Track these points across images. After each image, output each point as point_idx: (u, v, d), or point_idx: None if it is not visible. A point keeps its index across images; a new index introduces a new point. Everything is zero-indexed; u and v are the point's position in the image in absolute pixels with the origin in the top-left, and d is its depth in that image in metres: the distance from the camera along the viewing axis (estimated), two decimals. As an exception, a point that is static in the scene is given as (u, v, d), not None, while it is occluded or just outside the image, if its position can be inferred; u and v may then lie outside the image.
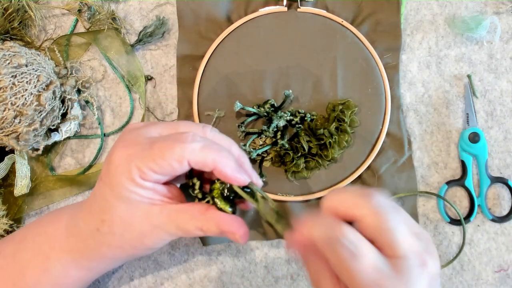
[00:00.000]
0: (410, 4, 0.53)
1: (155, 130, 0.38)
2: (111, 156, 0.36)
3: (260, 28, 0.50)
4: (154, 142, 0.36)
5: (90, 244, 0.38)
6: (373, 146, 0.49)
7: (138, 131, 0.38)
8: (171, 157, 0.34)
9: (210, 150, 0.35)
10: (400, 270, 0.30)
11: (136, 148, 0.36)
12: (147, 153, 0.35)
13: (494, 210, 0.50)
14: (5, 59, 0.44)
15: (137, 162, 0.35)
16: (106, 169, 0.37)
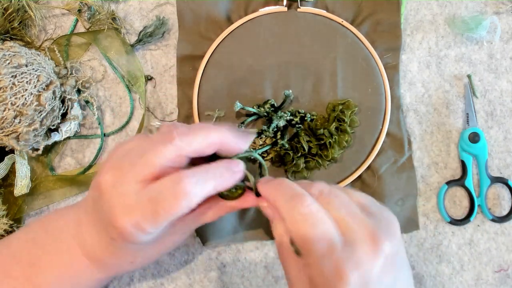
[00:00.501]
0: (410, 4, 0.53)
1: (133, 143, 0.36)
2: (99, 180, 0.34)
3: (260, 28, 0.50)
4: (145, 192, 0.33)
5: (95, 252, 0.37)
6: (373, 146, 0.49)
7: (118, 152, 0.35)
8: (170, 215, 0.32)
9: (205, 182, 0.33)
10: (348, 246, 0.31)
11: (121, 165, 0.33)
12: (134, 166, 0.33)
13: (494, 210, 0.50)
14: (5, 59, 0.44)
15: (127, 178, 0.33)
16: (97, 190, 0.34)
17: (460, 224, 0.49)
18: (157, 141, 0.34)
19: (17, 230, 0.42)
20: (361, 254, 0.31)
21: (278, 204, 0.34)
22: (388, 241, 0.32)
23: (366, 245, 0.31)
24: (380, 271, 0.31)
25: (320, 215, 0.32)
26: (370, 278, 0.31)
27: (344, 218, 0.33)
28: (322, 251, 0.31)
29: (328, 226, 0.32)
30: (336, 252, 0.31)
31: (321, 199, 0.34)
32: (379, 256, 0.31)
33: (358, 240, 0.32)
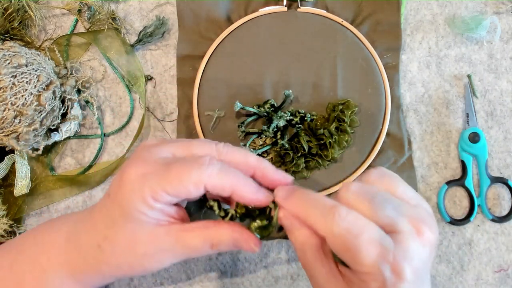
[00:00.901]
0: (410, 4, 0.53)
1: (168, 150, 0.37)
2: (123, 174, 0.35)
3: (260, 28, 0.50)
4: (170, 164, 0.35)
5: (89, 260, 0.37)
6: (373, 146, 0.49)
7: (150, 150, 0.37)
8: (189, 180, 0.34)
9: (228, 175, 0.35)
10: (400, 242, 0.31)
11: (150, 168, 0.35)
12: (163, 175, 0.34)
13: (494, 210, 0.50)
14: (5, 59, 0.44)
15: (151, 183, 0.34)
16: (117, 186, 0.36)
17: (460, 224, 0.49)
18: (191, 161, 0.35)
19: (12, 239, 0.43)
20: (412, 247, 0.31)
21: (312, 222, 0.32)
22: (431, 230, 0.32)
23: (415, 237, 0.31)
24: (427, 259, 0.32)
25: (361, 222, 0.31)
26: (422, 266, 0.31)
27: (387, 215, 0.32)
28: (375, 256, 0.30)
29: (373, 230, 0.31)
30: (390, 252, 0.30)
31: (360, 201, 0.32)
32: (426, 247, 0.32)
33: (407, 233, 0.31)
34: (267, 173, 0.37)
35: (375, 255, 0.30)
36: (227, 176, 0.34)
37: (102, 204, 0.38)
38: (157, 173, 0.34)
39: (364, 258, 0.30)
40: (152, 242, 0.36)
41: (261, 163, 0.38)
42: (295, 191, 0.35)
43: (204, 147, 0.37)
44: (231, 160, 0.37)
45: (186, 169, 0.34)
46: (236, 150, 0.38)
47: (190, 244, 0.36)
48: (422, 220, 0.32)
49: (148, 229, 0.35)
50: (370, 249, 0.30)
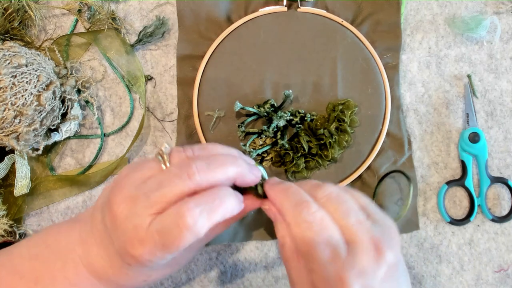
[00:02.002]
0: (410, 4, 0.53)
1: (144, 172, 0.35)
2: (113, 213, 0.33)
3: (260, 28, 0.50)
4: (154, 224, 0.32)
5: (102, 266, 0.37)
6: (373, 146, 0.49)
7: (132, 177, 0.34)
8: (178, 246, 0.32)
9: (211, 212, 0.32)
10: (352, 253, 0.31)
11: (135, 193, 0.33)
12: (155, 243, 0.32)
13: (494, 210, 0.50)
14: (5, 59, 0.44)
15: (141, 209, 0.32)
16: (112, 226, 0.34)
17: (460, 224, 0.49)
18: (175, 175, 0.33)
19: (18, 243, 0.41)
20: (365, 262, 0.31)
21: (283, 210, 0.34)
22: (391, 251, 0.32)
23: (370, 254, 0.32)
24: (382, 280, 0.31)
25: (325, 222, 0.32)
26: (374, 285, 0.31)
27: (350, 225, 0.33)
28: (326, 257, 0.31)
29: (332, 233, 0.32)
30: (340, 259, 0.31)
31: (329, 204, 0.34)
32: (382, 265, 0.32)
33: (362, 248, 0.32)
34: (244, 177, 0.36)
35: (326, 257, 0.31)
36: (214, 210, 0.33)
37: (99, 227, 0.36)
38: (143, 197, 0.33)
39: (316, 256, 0.31)
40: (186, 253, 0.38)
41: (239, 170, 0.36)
42: (281, 184, 0.37)
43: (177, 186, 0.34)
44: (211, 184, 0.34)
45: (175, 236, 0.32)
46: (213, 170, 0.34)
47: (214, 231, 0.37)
48: (383, 238, 0.32)
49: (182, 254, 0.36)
50: (324, 249, 0.31)
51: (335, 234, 0.32)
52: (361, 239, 0.32)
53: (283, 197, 0.35)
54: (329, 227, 0.32)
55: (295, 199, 0.34)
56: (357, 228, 0.32)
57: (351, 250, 0.32)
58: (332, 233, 0.32)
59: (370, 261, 0.31)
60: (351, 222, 0.33)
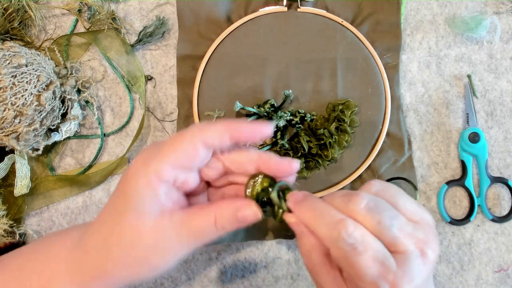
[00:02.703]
0: (410, 4, 0.53)
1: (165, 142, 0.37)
2: (128, 168, 0.36)
3: (260, 28, 0.50)
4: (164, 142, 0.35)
5: (95, 258, 0.37)
6: (373, 146, 0.49)
7: (150, 147, 0.37)
8: (183, 142, 0.33)
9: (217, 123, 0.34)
10: (402, 263, 0.31)
11: (151, 152, 0.35)
12: (161, 149, 0.34)
13: (494, 210, 0.50)
14: (5, 59, 0.44)
15: (153, 163, 0.34)
16: (122, 180, 0.36)
17: (460, 224, 0.49)
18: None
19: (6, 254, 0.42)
20: (415, 268, 0.31)
21: (319, 233, 0.33)
22: (433, 251, 0.32)
23: (418, 260, 0.32)
24: (427, 278, 0.32)
25: (367, 239, 0.31)
26: (421, 285, 0.32)
27: (393, 236, 0.32)
28: (376, 274, 0.31)
29: (377, 249, 0.31)
30: (390, 272, 0.31)
31: (367, 218, 0.32)
32: (428, 266, 0.32)
33: (410, 256, 0.32)
34: (271, 163, 0.37)
35: (376, 273, 0.31)
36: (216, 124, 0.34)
37: (109, 202, 0.38)
38: (156, 154, 0.34)
39: (364, 275, 0.31)
40: (156, 232, 0.35)
41: (263, 155, 0.37)
42: (307, 199, 0.35)
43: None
44: (234, 159, 0.37)
45: (177, 136, 0.34)
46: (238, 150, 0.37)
47: (194, 226, 0.35)
48: (426, 241, 0.33)
49: (152, 219, 0.35)
50: (372, 267, 0.31)
51: (380, 249, 0.31)
52: (407, 248, 0.32)
53: (314, 217, 0.33)
54: (372, 243, 0.31)
55: (328, 220, 0.32)
56: (402, 237, 0.32)
57: (400, 260, 0.31)
58: (377, 249, 0.31)
59: (419, 266, 0.32)
60: (394, 233, 0.32)
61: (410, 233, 0.32)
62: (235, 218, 0.35)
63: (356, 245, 0.31)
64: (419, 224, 0.33)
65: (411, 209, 0.34)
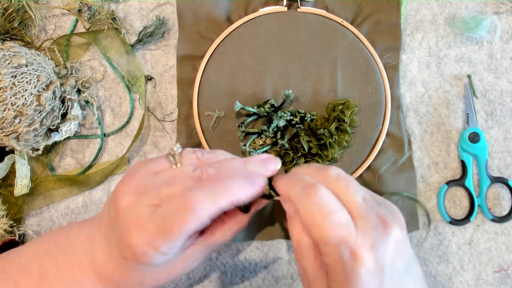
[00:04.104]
0: (410, 4, 0.53)
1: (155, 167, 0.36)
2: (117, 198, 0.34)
3: (260, 28, 0.50)
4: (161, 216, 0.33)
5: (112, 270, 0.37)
6: (373, 146, 0.49)
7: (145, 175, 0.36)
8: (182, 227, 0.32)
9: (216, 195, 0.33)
10: (362, 229, 0.32)
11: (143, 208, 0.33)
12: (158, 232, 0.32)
13: (494, 210, 0.50)
14: (5, 59, 0.44)
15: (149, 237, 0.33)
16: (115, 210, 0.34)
17: (460, 224, 0.49)
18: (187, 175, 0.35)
19: (29, 242, 0.41)
20: (374, 238, 0.32)
21: (292, 196, 0.34)
22: (397, 226, 0.33)
23: (378, 228, 0.32)
24: (392, 255, 0.32)
25: (334, 203, 0.33)
26: (385, 261, 0.32)
27: (358, 203, 0.33)
28: (339, 238, 0.32)
29: (342, 213, 0.32)
30: (352, 237, 0.32)
31: (339, 182, 0.34)
32: (390, 240, 0.32)
33: (370, 223, 0.32)
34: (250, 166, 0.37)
35: (339, 236, 0.31)
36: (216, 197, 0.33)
37: (103, 228, 0.37)
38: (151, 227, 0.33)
39: (328, 237, 0.32)
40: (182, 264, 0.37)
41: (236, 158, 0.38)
42: (289, 174, 0.37)
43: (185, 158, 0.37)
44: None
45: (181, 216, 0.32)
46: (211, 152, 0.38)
47: (216, 242, 0.37)
48: (388, 216, 0.33)
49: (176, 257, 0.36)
50: (335, 229, 0.32)
51: (344, 214, 0.32)
52: (369, 215, 0.33)
53: (289, 184, 0.35)
54: (338, 208, 0.32)
55: (301, 184, 0.34)
56: (365, 205, 0.33)
57: (360, 226, 0.32)
58: (342, 214, 0.32)
59: (380, 236, 0.32)
60: (358, 200, 0.33)
61: (372, 205, 0.33)
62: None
63: (324, 206, 0.32)
64: (381, 203, 0.35)
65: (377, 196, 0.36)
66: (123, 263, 0.35)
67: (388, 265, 0.32)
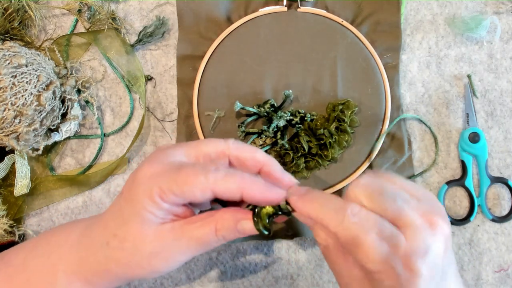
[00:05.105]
0: (410, 4, 0.53)
1: (180, 152, 0.37)
2: (137, 173, 0.36)
3: (260, 28, 0.50)
4: (180, 167, 0.35)
5: (98, 257, 0.38)
6: (373, 146, 0.49)
7: (165, 152, 0.37)
8: (195, 184, 0.34)
9: (234, 177, 0.34)
10: (411, 237, 0.30)
11: (162, 168, 0.35)
12: (172, 177, 0.34)
13: (494, 210, 0.50)
14: (5, 59, 0.44)
15: (160, 182, 0.34)
16: (129, 185, 0.36)
17: (460, 224, 0.49)
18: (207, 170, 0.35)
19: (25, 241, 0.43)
20: (426, 243, 0.30)
21: (325, 222, 0.32)
22: (443, 221, 0.32)
23: (427, 232, 0.31)
24: (444, 253, 0.31)
25: (372, 217, 0.31)
26: (438, 261, 0.31)
27: (397, 211, 0.31)
28: (385, 252, 0.30)
29: (383, 225, 0.31)
30: (400, 248, 0.30)
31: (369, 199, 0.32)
32: (440, 238, 0.31)
33: (417, 228, 0.31)
34: (273, 171, 0.37)
35: (386, 251, 0.30)
36: (233, 179, 0.34)
37: (115, 203, 0.38)
38: (167, 174, 0.35)
39: (374, 254, 0.30)
40: (158, 240, 0.36)
41: (269, 160, 0.38)
42: (308, 192, 0.35)
43: (214, 144, 0.38)
44: (239, 155, 0.37)
45: (193, 173, 0.34)
46: (245, 146, 0.38)
47: (195, 235, 0.36)
48: (433, 211, 0.32)
49: (154, 227, 0.36)
50: (379, 245, 0.30)
51: (386, 225, 0.31)
52: (413, 220, 0.31)
53: (317, 207, 0.33)
54: (377, 221, 0.31)
55: (332, 207, 0.32)
56: (406, 210, 0.31)
57: (408, 234, 0.30)
58: (383, 225, 0.31)
59: (430, 238, 0.31)
60: (397, 207, 0.31)
61: (414, 206, 0.31)
62: (235, 229, 0.36)
63: (362, 223, 0.30)
64: (422, 199, 0.33)
65: (411, 187, 0.34)
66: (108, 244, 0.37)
67: (440, 265, 0.31)
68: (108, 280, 0.39)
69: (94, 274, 0.39)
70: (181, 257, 0.37)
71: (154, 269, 0.37)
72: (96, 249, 0.38)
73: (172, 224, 0.36)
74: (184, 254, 0.37)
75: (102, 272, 0.38)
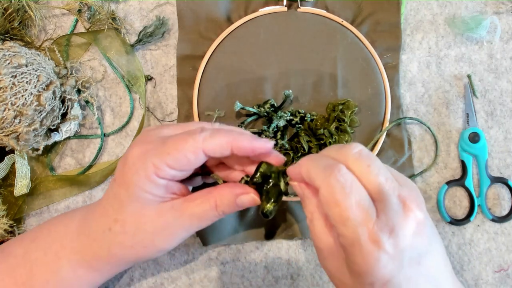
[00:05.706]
0: (410, 4, 0.53)
1: (167, 131, 0.38)
2: (126, 156, 0.37)
3: (260, 28, 0.50)
4: (167, 138, 0.36)
5: (101, 243, 0.38)
6: (373, 146, 0.49)
7: (151, 132, 0.38)
8: (186, 148, 0.35)
9: (220, 133, 0.36)
10: (383, 211, 0.31)
11: (151, 145, 0.36)
12: (162, 149, 0.35)
13: (494, 210, 0.50)
14: (5, 59, 0.44)
15: (152, 158, 0.35)
16: (121, 169, 0.37)
17: (460, 224, 0.49)
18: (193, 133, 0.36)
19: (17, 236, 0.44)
20: (395, 221, 0.31)
21: (312, 175, 0.33)
22: (417, 207, 0.32)
23: (399, 211, 0.31)
24: (412, 237, 0.31)
25: (355, 184, 0.32)
26: (404, 244, 0.31)
27: (380, 184, 0.32)
28: (358, 220, 0.31)
29: (363, 195, 0.31)
30: (371, 221, 0.31)
31: (360, 161, 0.33)
32: (411, 223, 0.32)
33: (391, 206, 0.31)
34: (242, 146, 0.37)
35: (358, 219, 0.31)
36: (221, 134, 0.36)
37: (109, 190, 0.39)
38: (156, 149, 0.36)
39: (347, 217, 0.31)
40: (159, 219, 0.37)
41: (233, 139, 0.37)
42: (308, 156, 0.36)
43: (199, 124, 0.39)
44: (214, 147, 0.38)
45: (182, 139, 0.35)
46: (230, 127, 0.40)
47: (196, 212, 0.37)
48: (410, 197, 0.32)
49: (154, 207, 0.37)
50: (355, 211, 0.31)
51: (365, 196, 0.32)
52: (390, 197, 0.32)
53: (310, 164, 0.34)
54: (359, 189, 0.32)
55: (323, 164, 0.33)
56: (386, 187, 0.32)
57: (380, 209, 0.31)
58: (362, 195, 0.31)
59: (399, 218, 0.31)
60: (380, 180, 0.32)
61: (394, 186, 0.32)
62: (234, 203, 0.37)
63: (345, 185, 0.31)
64: (403, 185, 0.33)
65: (396, 172, 0.35)
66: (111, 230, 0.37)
67: (407, 247, 0.31)
68: (112, 264, 0.40)
69: (99, 260, 0.39)
70: (183, 233, 0.38)
71: (157, 248, 0.38)
72: (98, 236, 0.38)
73: (171, 202, 0.37)
74: (187, 230, 0.38)
75: (107, 257, 0.39)
